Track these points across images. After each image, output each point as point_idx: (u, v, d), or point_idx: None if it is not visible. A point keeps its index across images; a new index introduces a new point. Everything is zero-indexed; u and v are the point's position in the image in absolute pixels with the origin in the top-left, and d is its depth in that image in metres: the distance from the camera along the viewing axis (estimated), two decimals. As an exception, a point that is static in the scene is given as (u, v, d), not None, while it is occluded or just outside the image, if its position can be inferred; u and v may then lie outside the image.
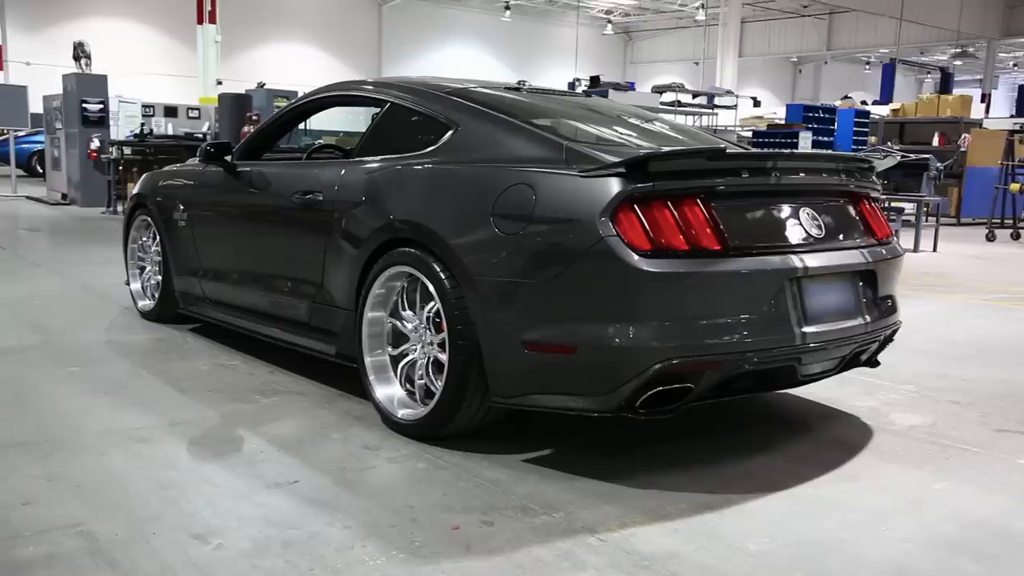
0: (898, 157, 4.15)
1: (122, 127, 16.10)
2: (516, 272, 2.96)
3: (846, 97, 21.36)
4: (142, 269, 5.43)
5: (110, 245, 9.06)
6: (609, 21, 36.92)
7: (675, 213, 2.83)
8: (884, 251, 3.43)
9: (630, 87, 17.72)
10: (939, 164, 12.72)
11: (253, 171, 4.41)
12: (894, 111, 20.05)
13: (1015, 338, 5.76)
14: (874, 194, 3.58)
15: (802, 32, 35.61)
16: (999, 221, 13.28)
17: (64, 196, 14.54)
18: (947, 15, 27.41)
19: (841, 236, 3.29)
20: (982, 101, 24.30)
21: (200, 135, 15.50)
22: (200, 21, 17.08)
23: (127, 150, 13.49)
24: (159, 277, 5.16)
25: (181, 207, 4.87)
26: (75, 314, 5.51)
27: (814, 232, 3.15)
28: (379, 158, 3.70)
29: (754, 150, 4.48)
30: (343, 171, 3.80)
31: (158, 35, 28.76)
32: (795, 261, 3.02)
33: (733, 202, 3.00)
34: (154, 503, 2.69)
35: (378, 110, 4.05)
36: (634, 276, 2.75)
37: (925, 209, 11.44)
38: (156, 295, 5.21)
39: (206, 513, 2.63)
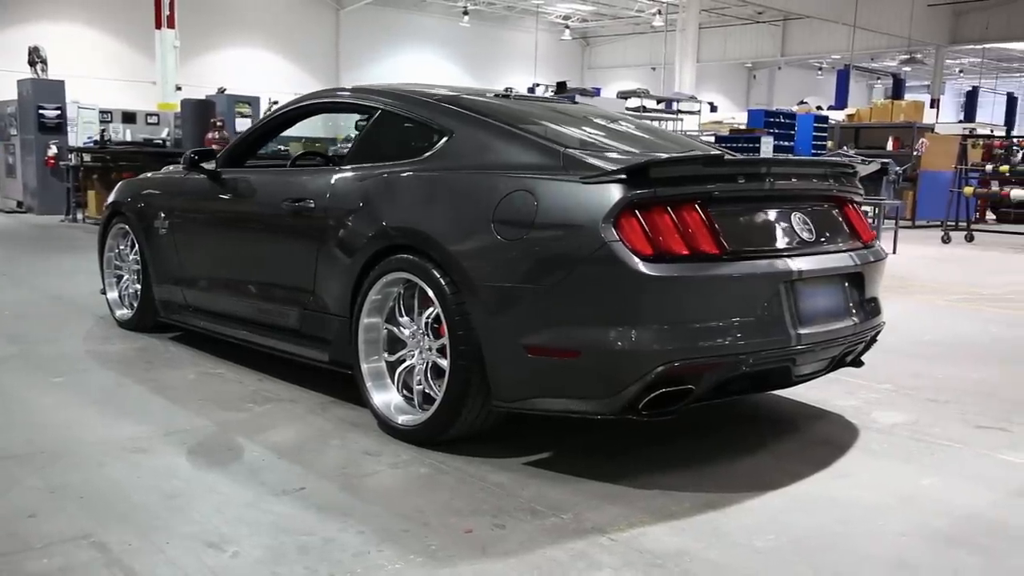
0: (878, 163, 4.27)
1: (79, 133, 15.84)
2: (518, 277, 3.00)
3: (802, 102, 21.72)
4: (119, 278, 5.36)
5: (75, 254, 8.92)
6: (567, 27, 37.09)
7: (675, 218, 2.89)
8: (870, 254, 3.54)
9: (595, 92, 17.84)
10: (898, 168, 12.98)
11: (239, 178, 4.38)
12: (849, 116, 20.45)
13: (980, 337, 5.94)
14: (858, 199, 3.68)
15: (757, 38, 36.13)
16: (953, 223, 13.64)
17: (19, 204, 14.24)
18: (898, 22, 28.01)
19: (830, 240, 3.39)
20: (931, 106, 24.91)
21: (159, 141, 15.29)
22: (158, 26, 16.78)
23: (87, 157, 13.25)
24: (138, 286, 5.10)
25: (162, 215, 4.82)
26: (50, 324, 5.42)
27: (805, 236, 3.24)
28: (372, 165, 3.70)
29: (749, 156, 4.56)
30: (334, 178, 3.81)
31: (113, 40, 28.19)
32: (789, 264, 3.10)
33: (728, 207, 3.07)
34: (162, 513, 2.67)
35: (367, 117, 4.06)
36: (636, 280, 2.80)
37: (883, 212, 11.70)
38: (135, 304, 5.15)
39: (216, 521, 2.62)
